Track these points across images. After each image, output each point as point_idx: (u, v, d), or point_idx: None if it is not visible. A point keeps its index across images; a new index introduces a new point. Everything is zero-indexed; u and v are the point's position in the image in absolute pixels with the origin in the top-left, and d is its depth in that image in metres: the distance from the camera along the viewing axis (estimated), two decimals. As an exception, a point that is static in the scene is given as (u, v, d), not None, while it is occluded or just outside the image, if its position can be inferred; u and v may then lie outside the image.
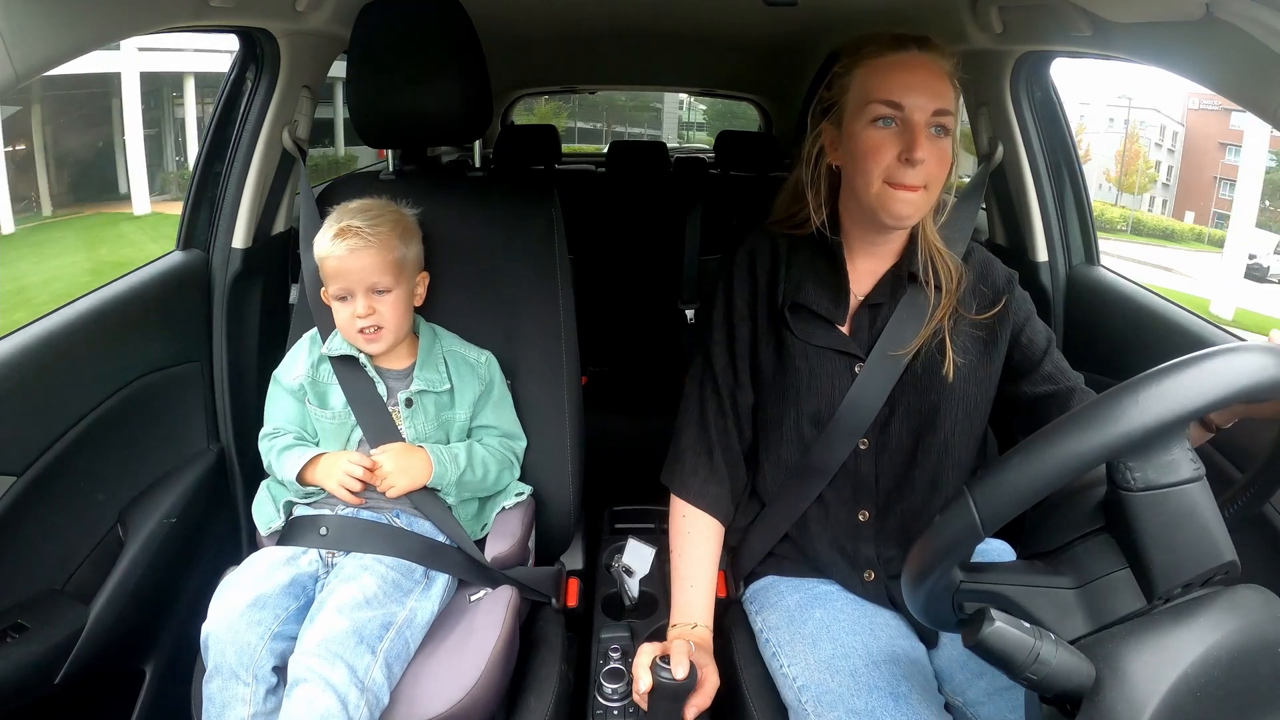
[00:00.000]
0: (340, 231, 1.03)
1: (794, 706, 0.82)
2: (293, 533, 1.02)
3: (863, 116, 0.84)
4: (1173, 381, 0.50)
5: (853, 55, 0.88)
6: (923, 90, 0.82)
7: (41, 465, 0.97)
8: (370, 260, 1.02)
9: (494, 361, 1.13)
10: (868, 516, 0.91)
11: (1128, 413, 0.50)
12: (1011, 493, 0.52)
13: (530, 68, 2.68)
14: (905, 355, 0.88)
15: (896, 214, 0.84)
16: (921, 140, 0.81)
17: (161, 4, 0.91)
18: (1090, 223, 1.39)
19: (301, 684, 0.84)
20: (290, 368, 1.09)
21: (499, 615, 0.96)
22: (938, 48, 0.85)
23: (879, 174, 0.83)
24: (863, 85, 0.85)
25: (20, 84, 0.71)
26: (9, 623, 0.92)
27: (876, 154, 0.83)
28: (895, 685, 0.78)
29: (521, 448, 1.14)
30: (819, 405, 0.90)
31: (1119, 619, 0.54)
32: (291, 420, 1.08)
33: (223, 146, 1.32)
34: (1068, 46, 1.13)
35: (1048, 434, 0.52)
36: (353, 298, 1.03)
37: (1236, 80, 0.78)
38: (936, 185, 0.85)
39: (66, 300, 1.10)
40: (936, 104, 0.82)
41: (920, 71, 0.83)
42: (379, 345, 1.05)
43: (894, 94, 0.82)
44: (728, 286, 0.95)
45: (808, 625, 0.87)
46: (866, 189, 0.85)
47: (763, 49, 2.25)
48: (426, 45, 1.09)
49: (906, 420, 0.89)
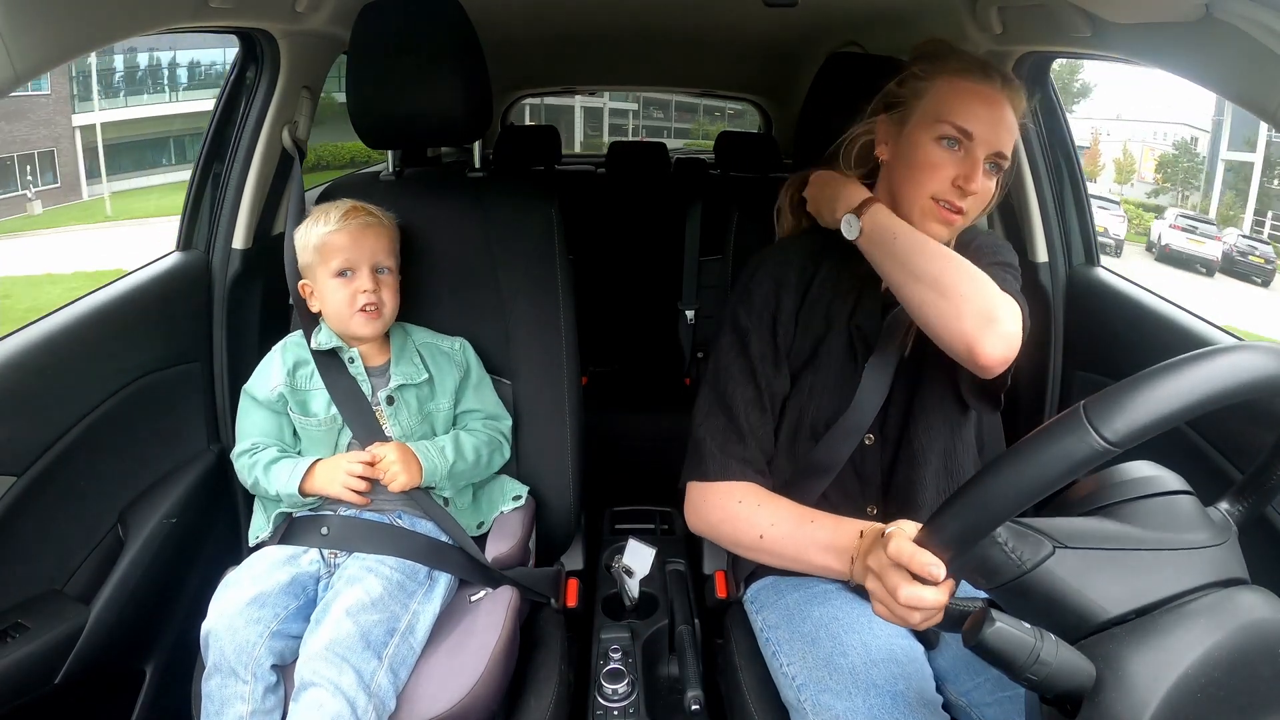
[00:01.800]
0: (351, 210, 1.06)
1: (794, 705, 0.82)
2: (294, 532, 1.02)
3: (931, 130, 0.85)
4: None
5: (934, 63, 0.88)
6: (996, 127, 0.84)
7: (41, 465, 0.97)
8: (379, 239, 1.06)
9: (468, 347, 1.14)
10: (875, 512, 0.91)
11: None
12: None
13: (530, 68, 2.68)
14: (903, 347, 0.89)
15: (932, 232, 0.85)
16: (978, 174, 0.83)
17: (161, 4, 0.91)
18: (1090, 223, 1.39)
19: (310, 688, 0.84)
20: (264, 379, 1.08)
21: (499, 616, 0.96)
22: (1019, 91, 0.87)
23: (930, 190, 0.85)
24: (939, 99, 0.86)
25: (20, 84, 0.71)
26: (9, 623, 0.92)
27: (935, 171, 0.85)
28: (893, 684, 0.78)
29: (508, 426, 1.14)
30: (831, 404, 0.90)
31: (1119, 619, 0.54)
32: (269, 433, 1.07)
33: (222, 147, 1.32)
34: (1067, 47, 1.13)
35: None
36: (355, 274, 1.04)
37: (1236, 81, 0.78)
38: (973, 215, 0.87)
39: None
40: (1001, 146, 0.85)
41: (999, 109, 0.85)
42: (376, 326, 1.05)
43: (969, 122, 0.84)
44: (749, 294, 0.95)
45: (806, 624, 0.87)
46: (913, 199, 0.86)
47: (763, 50, 2.25)
48: (426, 46, 1.09)
49: (908, 413, 0.90)
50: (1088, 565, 0.54)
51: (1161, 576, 0.54)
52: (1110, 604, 0.53)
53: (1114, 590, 0.54)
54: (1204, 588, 0.53)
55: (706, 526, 0.92)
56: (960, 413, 0.90)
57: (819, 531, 0.81)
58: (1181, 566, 0.54)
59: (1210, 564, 0.55)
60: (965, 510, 0.54)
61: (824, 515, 0.84)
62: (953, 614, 0.62)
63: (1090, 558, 0.54)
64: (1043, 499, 0.53)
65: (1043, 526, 0.56)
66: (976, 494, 0.53)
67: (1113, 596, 0.53)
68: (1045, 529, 0.56)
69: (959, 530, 0.55)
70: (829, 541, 0.80)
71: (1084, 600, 0.54)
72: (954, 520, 0.55)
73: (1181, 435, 0.97)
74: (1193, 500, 0.58)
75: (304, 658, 0.87)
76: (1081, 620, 0.53)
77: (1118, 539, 0.55)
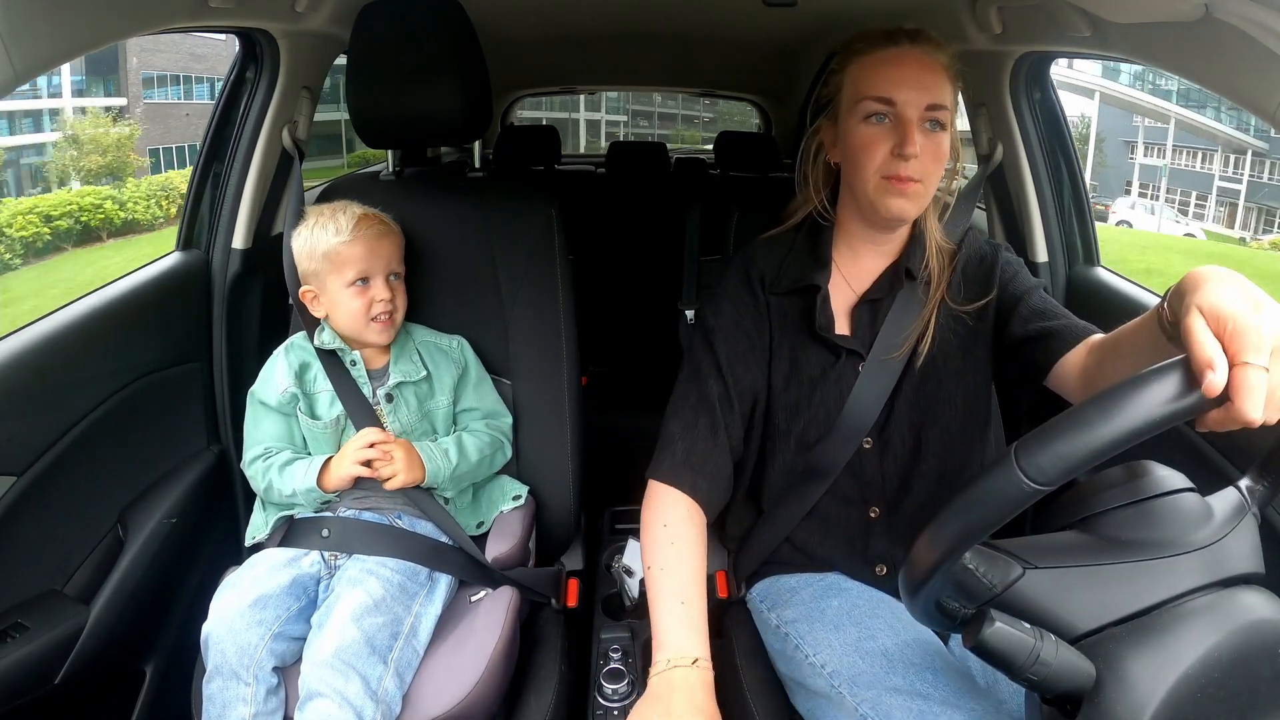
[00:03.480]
0: (362, 219, 1.05)
1: (826, 693, 0.79)
2: (295, 534, 1.02)
3: (856, 113, 0.84)
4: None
5: (845, 52, 0.88)
6: (914, 85, 0.82)
7: (41, 465, 0.97)
8: (393, 246, 1.07)
9: (466, 345, 1.14)
10: (878, 514, 0.91)
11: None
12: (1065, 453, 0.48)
13: (530, 68, 2.68)
14: (904, 352, 0.88)
15: (894, 210, 0.84)
16: (914, 135, 0.81)
17: (161, 4, 0.91)
18: (1090, 223, 1.39)
19: (316, 698, 0.84)
20: (271, 383, 1.07)
21: (499, 616, 0.96)
22: (931, 40, 0.85)
23: (874, 170, 0.83)
24: (855, 82, 0.85)
25: (20, 84, 0.71)
26: (9, 623, 0.92)
27: (871, 149, 0.83)
28: (930, 661, 0.76)
29: (508, 424, 1.14)
30: (825, 407, 0.90)
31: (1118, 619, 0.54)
32: (280, 438, 1.06)
33: (222, 147, 1.32)
34: (1067, 47, 1.13)
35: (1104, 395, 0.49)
36: (372, 282, 1.04)
37: (1235, 80, 0.78)
38: (933, 179, 0.85)
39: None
40: (929, 98, 0.82)
41: (911, 66, 0.83)
42: (390, 333, 1.06)
43: (885, 90, 0.82)
44: (719, 300, 0.95)
45: (827, 614, 0.85)
46: (864, 186, 0.85)
47: (762, 49, 2.25)
48: (426, 45, 1.09)
49: (909, 415, 0.89)
50: (1059, 583, 0.55)
51: (1134, 589, 0.54)
52: (1081, 620, 0.54)
53: (1086, 607, 0.54)
54: (1182, 596, 0.53)
55: (643, 521, 0.89)
56: (964, 417, 0.90)
57: (667, 618, 0.79)
58: (1159, 576, 0.54)
59: (1200, 566, 0.54)
60: (927, 547, 0.55)
61: (690, 604, 0.80)
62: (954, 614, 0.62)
63: (1061, 576, 0.55)
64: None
65: (1014, 548, 0.57)
66: (932, 529, 0.54)
67: (1085, 613, 0.54)
68: (1016, 550, 0.56)
69: (926, 566, 0.55)
70: (665, 632, 0.78)
71: (1055, 618, 0.54)
72: (920, 558, 0.56)
73: (1181, 435, 0.97)
74: (1189, 497, 0.57)
75: (308, 665, 0.87)
76: (1057, 635, 0.53)
77: (1091, 554, 0.56)
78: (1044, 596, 0.55)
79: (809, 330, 0.91)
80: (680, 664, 0.75)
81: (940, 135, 0.84)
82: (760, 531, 0.96)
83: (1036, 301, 0.87)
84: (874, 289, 0.91)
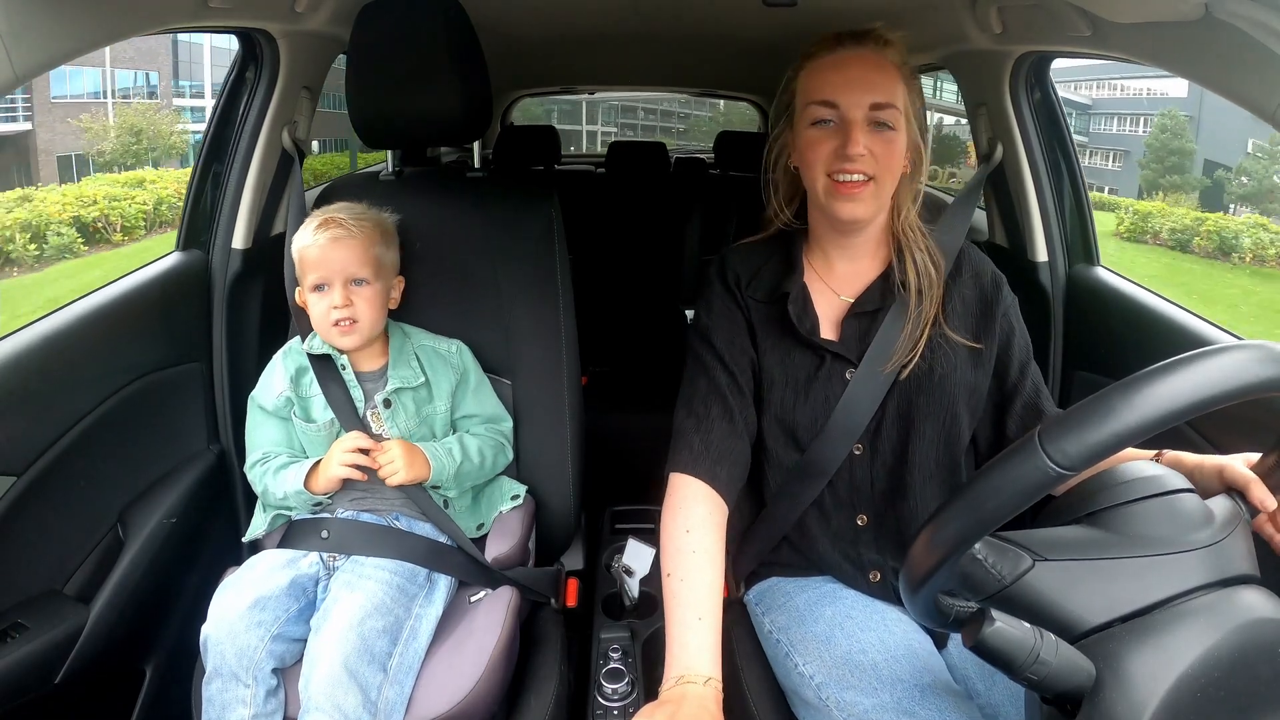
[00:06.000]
0: (323, 223, 1.04)
1: (815, 705, 0.80)
2: (294, 535, 1.02)
3: (805, 118, 0.86)
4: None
5: (797, 61, 0.89)
6: (856, 85, 0.83)
7: (41, 465, 0.97)
8: (350, 252, 1.03)
9: (465, 350, 1.13)
10: (865, 521, 0.91)
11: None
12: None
13: (530, 68, 2.68)
14: (895, 364, 0.87)
15: (844, 212, 0.85)
16: (856, 135, 0.82)
17: (161, 4, 0.91)
18: (1090, 223, 1.39)
19: (314, 712, 0.84)
20: (269, 387, 1.08)
21: (499, 616, 0.96)
22: (878, 40, 0.85)
23: (822, 170, 0.84)
24: (804, 87, 0.87)
25: (20, 84, 0.71)
26: (9, 623, 0.92)
27: (816, 150, 0.84)
28: (918, 676, 0.77)
29: (509, 428, 1.14)
30: (815, 409, 0.90)
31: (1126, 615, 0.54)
32: (279, 442, 1.07)
33: (222, 147, 1.32)
34: (1067, 47, 1.13)
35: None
36: (330, 288, 1.03)
37: (1235, 80, 0.78)
38: (887, 177, 0.85)
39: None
40: (872, 97, 0.82)
41: (856, 67, 0.84)
42: (352, 339, 1.04)
43: (828, 93, 0.83)
44: (710, 299, 0.95)
45: (819, 624, 0.86)
46: (813, 186, 0.86)
47: (762, 49, 2.25)
48: (426, 46, 1.09)
49: (898, 426, 0.89)
50: (1068, 577, 0.55)
51: (1143, 584, 0.54)
52: (1090, 614, 0.54)
53: (1095, 600, 0.54)
54: (1191, 591, 0.53)
55: (663, 522, 0.86)
56: (955, 425, 0.90)
57: (683, 634, 0.76)
58: (1167, 572, 0.54)
59: (1203, 565, 0.55)
60: (933, 541, 0.55)
61: (706, 620, 0.77)
62: (954, 614, 0.62)
63: (1071, 569, 0.55)
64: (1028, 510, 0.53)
65: (1023, 540, 0.57)
66: (941, 521, 0.54)
67: (1095, 607, 0.54)
68: (1026, 542, 0.56)
69: (937, 555, 0.55)
70: (680, 647, 0.76)
71: (1064, 611, 0.54)
72: (930, 545, 0.56)
73: (1180, 434, 0.97)
74: (1190, 498, 0.58)
75: (307, 676, 0.87)
76: (1064, 630, 0.54)
77: (1100, 548, 0.56)
78: (1052, 590, 0.55)
79: (793, 334, 0.91)
80: (693, 681, 0.74)
81: (890, 134, 0.84)
82: (759, 529, 0.96)
83: (1029, 390, 0.90)
84: (866, 299, 0.91)
